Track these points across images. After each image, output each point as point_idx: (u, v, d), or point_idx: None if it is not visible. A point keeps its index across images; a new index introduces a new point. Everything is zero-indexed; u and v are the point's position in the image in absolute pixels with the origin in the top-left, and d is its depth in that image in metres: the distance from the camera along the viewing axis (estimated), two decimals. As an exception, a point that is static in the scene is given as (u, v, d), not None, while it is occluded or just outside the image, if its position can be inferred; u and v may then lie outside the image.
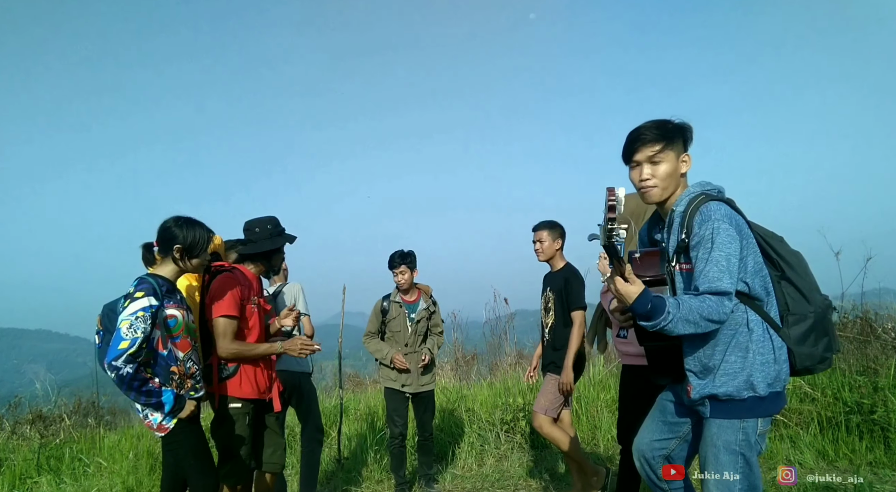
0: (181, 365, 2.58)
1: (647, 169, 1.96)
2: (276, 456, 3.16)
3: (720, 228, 1.81)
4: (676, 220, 1.95)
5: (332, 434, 5.74)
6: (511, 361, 7.57)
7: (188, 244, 2.58)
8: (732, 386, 1.85)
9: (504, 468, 4.73)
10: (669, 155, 1.95)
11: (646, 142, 1.95)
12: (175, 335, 2.57)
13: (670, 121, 1.99)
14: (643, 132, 1.97)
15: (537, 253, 3.80)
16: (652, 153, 1.94)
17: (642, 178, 1.97)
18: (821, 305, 1.99)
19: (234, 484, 2.97)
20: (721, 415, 1.88)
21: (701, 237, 1.83)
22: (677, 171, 1.97)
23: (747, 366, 1.85)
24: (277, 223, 3.24)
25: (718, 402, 1.87)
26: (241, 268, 3.15)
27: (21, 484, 5.22)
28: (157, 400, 2.43)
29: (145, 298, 2.45)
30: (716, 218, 1.83)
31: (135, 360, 2.38)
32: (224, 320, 2.89)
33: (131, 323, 2.39)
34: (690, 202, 1.92)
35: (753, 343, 1.86)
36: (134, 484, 4.84)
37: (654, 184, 1.96)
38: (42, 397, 7.27)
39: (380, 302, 4.33)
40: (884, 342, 5.19)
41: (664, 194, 1.98)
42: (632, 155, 1.99)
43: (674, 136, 1.96)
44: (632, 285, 1.76)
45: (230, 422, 2.94)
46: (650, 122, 1.99)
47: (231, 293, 2.93)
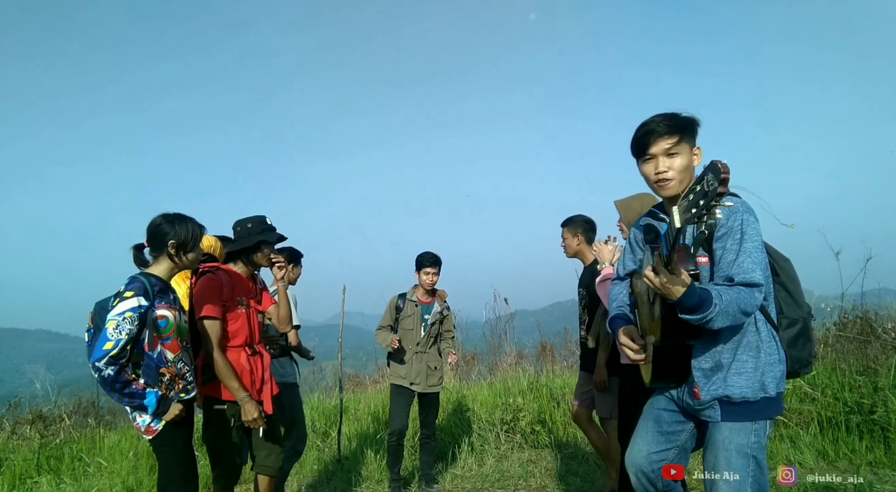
0: (171, 366, 2.56)
1: (664, 162, 1.91)
2: (269, 459, 3.10)
3: (749, 220, 1.80)
4: None
5: (332, 434, 5.74)
6: (511, 361, 7.57)
7: (181, 239, 2.57)
8: (748, 387, 1.81)
9: (504, 468, 4.73)
10: (684, 147, 1.92)
11: (661, 134, 1.91)
12: (165, 337, 2.55)
13: (679, 114, 1.94)
14: (657, 124, 1.92)
15: (564, 250, 3.82)
16: (668, 146, 1.90)
17: (658, 170, 1.92)
18: (807, 310, 2.02)
19: (225, 485, 2.94)
20: (733, 418, 1.84)
21: (729, 228, 1.80)
22: (691, 164, 1.93)
23: (760, 366, 1.82)
24: (262, 222, 3.14)
25: (731, 404, 1.83)
26: (226, 268, 3.08)
27: (21, 484, 5.22)
28: (139, 402, 2.42)
29: (134, 298, 2.44)
30: (743, 210, 1.81)
31: (117, 362, 2.37)
32: (208, 322, 2.86)
33: (118, 324, 2.38)
34: None
35: (763, 343, 1.84)
36: (134, 484, 4.83)
37: (672, 176, 1.91)
38: (42, 397, 7.26)
39: (395, 299, 4.35)
40: (884, 342, 5.18)
41: (681, 187, 1.93)
42: (646, 148, 1.94)
43: (686, 128, 1.92)
44: (679, 276, 1.66)
45: (217, 423, 2.92)
46: (660, 114, 1.94)
47: (212, 295, 2.88)
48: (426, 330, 4.25)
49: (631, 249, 2.24)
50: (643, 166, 1.98)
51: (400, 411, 4.19)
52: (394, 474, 4.26)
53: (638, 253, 2.20)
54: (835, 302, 5.87)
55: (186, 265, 2.66)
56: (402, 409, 4.19)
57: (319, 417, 6.21)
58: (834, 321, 5.79)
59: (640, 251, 2.19)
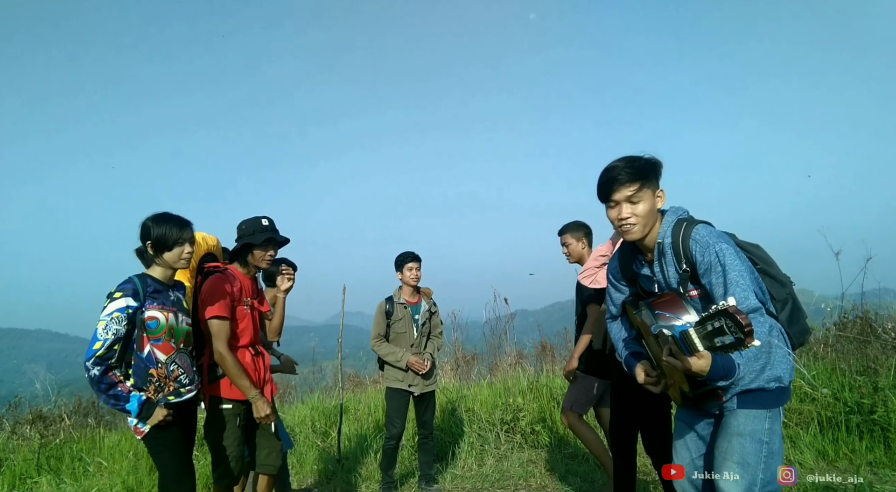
0: (162, 368, 2.56)
1: (627, 208, 1.96)
2: (270, 458, 3.13)
3: (722, 249, 1.85)
4: (668, 251, 1.97)
5: (332, 434, 5.74)
6: (511, 361, 7.57)
7: (156, 238, 2.56)
8: (763, 379, 1.90)
9: (504, 468, 4.73)
10: (647, 193, 1.95)
11: (622, 182, 1.94)
12: (156, 338, 2.55)
13: (640, 158, 1.98)
14: (619, 172, 1.95)
15: (566, 257, 3.79)
16: (630, 193, 1.94)
17: (621, 217, 1.97)
18: (789, 283, 2.11)
19: (227, 485, 2.95)
20: (749, 405, 1.92)
21: (708, 264, 1.86)
22: (654, 207, 1.98)
23: (773, 359, 1.92)
24: (255, 223, 3.12)
25: (748, 393, 1.92)
26: (231, 268, 3.11)
27: (21, 484, 5.22)
28: (123, 405, 2.44)
29: (123, 299, 2.46)
30: (713, 242, 1.87)
31: (104, 362, 2.39)
32: (216, 322, 2.87)
33: (106, 324, 2.41)
34: (675, 232, 1.96)
35: (774, 338, 1.92)
36: (134, 484, 4.84)
37: (635, 222, 1.96)
38: (42, 397, 7.26)
39: (383, 304, 4.31)
40: (884, 342, 5.19)
41: (645, 231, 1.99)
42: (609, 194, 1.98)
43: (648, 173, 1.96)
44: (702, 360, 1.68)
45: (221, 423, 2.93)
46: (622, 160, 1.99)
47: (221, 294, 2.90)
48: (418, 330, 4.26)
49: (615, 287, 2.28)
50: (608, 211, 2.03)
51: (398, 415, 4.19)
52: (387, 477, 4.26)
53: (622, 290, 2.25)
54: (835, 302, 5.87)
55: (168, 264, 2.63)
56: (400, 412, 4.20)
57: (319, 417, 6.21)
58: (834, 321, 5.79)
59: (623, 286, 2.24)
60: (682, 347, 1.67)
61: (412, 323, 4.26)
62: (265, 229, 3.12)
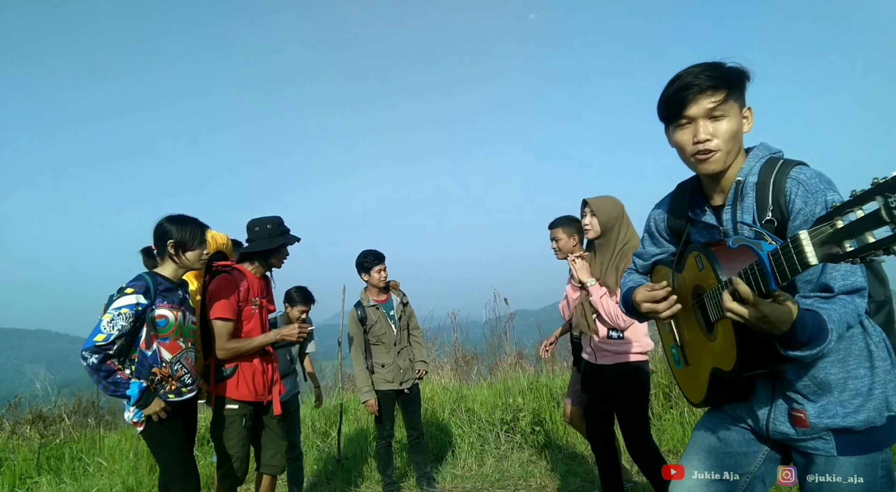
0: (166, 366, 2.57)
1: (708, 126, 1.40)
2: (276, 459, 3.15)
3: (837, 201, 1.19)
4: (750, 193, 1.43)
5: (332, 434, 5.74)
6: (511, 361, 7.57)
7: (180, 238, 2.60)
8: (873, 410, 1.37)
9: (504, 468, 4.73)
10: (733, 107, 1.41)
11: (702, 89, 1.39)
12: (163, 336, 2.57)
13: (724, 64, 1.42)
14: (696, 77, 1.40)
15: (555, 252, 3.49)
16: (712, 105, 1.39)
17: (699, 138, 1.41)
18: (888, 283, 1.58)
19: (230, 485, 2.96)
20: (855, 450, 1.39)
21: (810, 215, 1.31)
22: (741, 129, 1.44)
23: (879, 378, 1.39)
24: (279, 223, 3.20)
25: (851, 433, 1.39)
26: (240, 268, 3.13)
27: (21, 484, 5.22)
28: (123, 391, 2.44)
29: (134, 295, 2.48)
30: (823, 188, 1.33)
31: (102, 351, 2.40)
32: (220, 323, 2.89)
33: (113, 318, 2.43)
34: (766, 170, 1.42)
35: (875, 347, 1.41)
36: (134, 484, 4.84)
37: (717, 146, 1.41)
38: (42, 397, 7.27)
39: (354, 313, 4.23)
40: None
41: (728, 161, 1.44)
42: (682, 108, 1.42)
43: (735, 82, 1.42)
44: (783, 306, 1.17)
45: (227, 423, 2.94)
46: (700, 65, 1.42)
47: (227, 295, 2.92)
48: (397, 326, 4.23)
49: (652, 239, 1.78)
50: (676, 134, 1.46)
51: (387, 416, 4.21)
52: (387, 478, 4.28)
53: (661, 244, 1.77)
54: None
55: (188, 264, 2.68)
56: (389, 413, 4.22)
57: (319, 417, 6.21)
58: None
59: (663, 240, 1.75)
60: (769, 272, 1.11)
61: (389, 321, 4.22)
62: (280, 233, 3.19)
